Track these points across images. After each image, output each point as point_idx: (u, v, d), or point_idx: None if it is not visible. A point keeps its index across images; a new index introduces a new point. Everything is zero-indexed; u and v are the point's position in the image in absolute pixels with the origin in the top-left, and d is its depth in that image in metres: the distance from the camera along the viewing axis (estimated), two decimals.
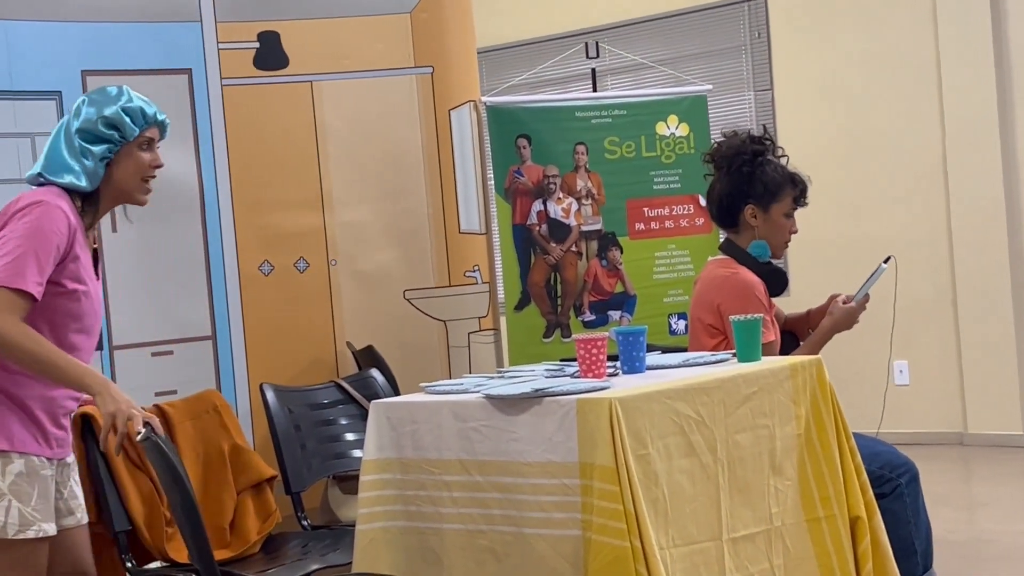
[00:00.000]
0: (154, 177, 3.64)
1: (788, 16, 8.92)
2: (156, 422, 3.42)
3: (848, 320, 4.46)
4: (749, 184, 4.47)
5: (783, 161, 4.54)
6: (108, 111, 3.54)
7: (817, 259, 8.60)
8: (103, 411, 3.40)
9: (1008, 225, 8.13)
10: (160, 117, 3.63)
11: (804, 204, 4.55)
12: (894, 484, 4.31)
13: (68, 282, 3.44)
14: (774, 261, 4.53)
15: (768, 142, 4.52)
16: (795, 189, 4.50)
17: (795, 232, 4.54)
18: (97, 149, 3.54)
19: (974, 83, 8.20)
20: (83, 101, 3.59)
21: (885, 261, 4.50)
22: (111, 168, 3.56)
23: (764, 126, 4.79)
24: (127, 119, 3.56)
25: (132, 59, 5.14)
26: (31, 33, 4.98)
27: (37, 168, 3.56)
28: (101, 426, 3.43)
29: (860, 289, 4.47)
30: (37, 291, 3.35)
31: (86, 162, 3.53)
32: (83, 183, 3.53)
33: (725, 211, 4.53)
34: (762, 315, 3.80)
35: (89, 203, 3.56)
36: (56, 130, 3.61)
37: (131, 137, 3.57)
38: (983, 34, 8.17)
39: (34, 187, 3.55)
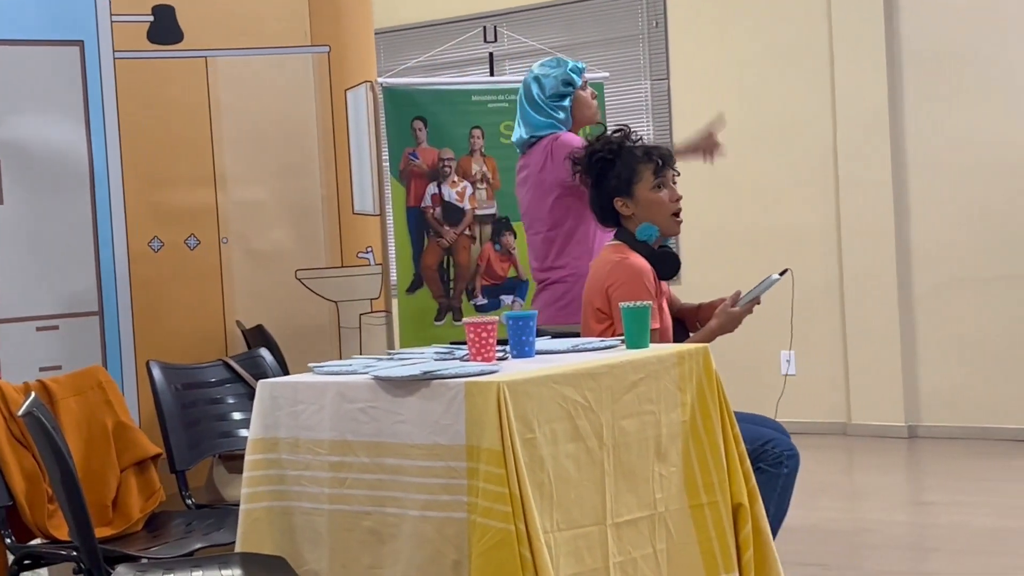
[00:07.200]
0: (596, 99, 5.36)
1: (686, 6, 9.00)
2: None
3: (732, 324, 4.48)
4: (605, 181, 4.51)
5: (639, 143, 4.56)
6: (562, 76, 5.14)
7: (710, 247, 8.69)
8: None
9: (895, 218, 8.26)
10: (580, 65, 5.26)
11: (671, 168, 4.51)
12: (777, 472, 4.37)
13: None
14: (671, 240, 4.54)
15: (618, 133, 4.55)
16: (651, 162, 4.50)
17: (678, 199, 4.51)
18: (565, 103, 5.14)
19: (866, 78, 8.33)
20: (535, 77, 5.18)
21: (781, 273, 4.51)
22: (572, 110, 5.17)
23: (623, 127, 4.71)
24: (575, 76, 5.16)
25: (22, 28, 5.05)
26: None
27: (526, 134, 5.17)
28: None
29: (747, 294, 4.48)
30: None
31: (559, 115, 5.13)
32: (563, 129, 5.12)
33: (605, 213, 4.57)
34: (651, 303, 3.83)
35: None
36: (520, 102, 5.22)
37: (578, 86, 5.18)
38: (876, 29, 8.30)
39: (526, 148, 5.19)
